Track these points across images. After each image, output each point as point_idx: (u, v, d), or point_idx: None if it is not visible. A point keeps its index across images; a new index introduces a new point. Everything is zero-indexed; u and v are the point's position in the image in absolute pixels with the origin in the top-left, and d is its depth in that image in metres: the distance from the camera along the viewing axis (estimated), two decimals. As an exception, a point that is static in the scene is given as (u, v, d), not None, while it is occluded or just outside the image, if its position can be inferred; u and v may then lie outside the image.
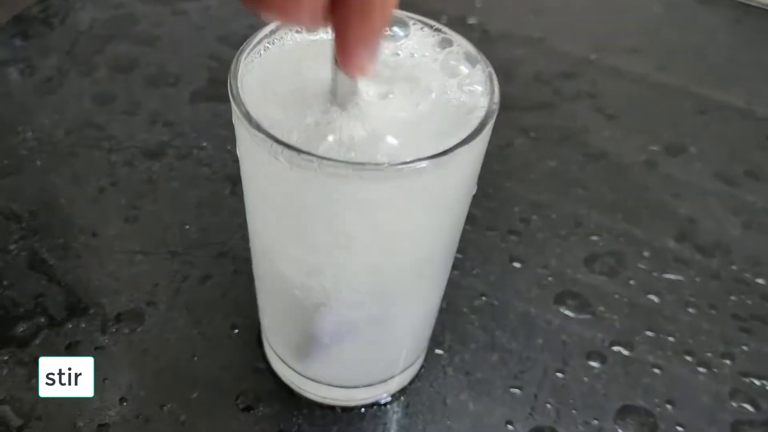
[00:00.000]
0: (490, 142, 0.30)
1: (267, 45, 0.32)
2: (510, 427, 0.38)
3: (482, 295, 0.44)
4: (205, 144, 0.51)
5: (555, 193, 0.52)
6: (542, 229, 0.49)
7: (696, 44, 0.68)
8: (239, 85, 0.29)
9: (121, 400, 0.38)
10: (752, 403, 0.40)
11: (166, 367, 0.40)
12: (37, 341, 0.40)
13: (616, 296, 0.45)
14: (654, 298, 0.45)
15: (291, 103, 0.29)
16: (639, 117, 0.59)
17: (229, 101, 0.27)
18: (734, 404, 0.40)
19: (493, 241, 0.48)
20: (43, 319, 0.41)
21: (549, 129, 0.57)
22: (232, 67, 0.29)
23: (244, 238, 0.44)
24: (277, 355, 0.39)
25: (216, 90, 0.56)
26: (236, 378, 0.39)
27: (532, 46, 0.65)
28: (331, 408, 0.39)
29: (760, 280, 0.47)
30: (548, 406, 0.39)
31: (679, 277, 0.47)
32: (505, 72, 0.61)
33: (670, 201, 0.52)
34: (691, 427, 0.39)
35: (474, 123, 0.28)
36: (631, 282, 0.46)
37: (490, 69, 0.30)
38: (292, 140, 0.26)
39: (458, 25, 0.66)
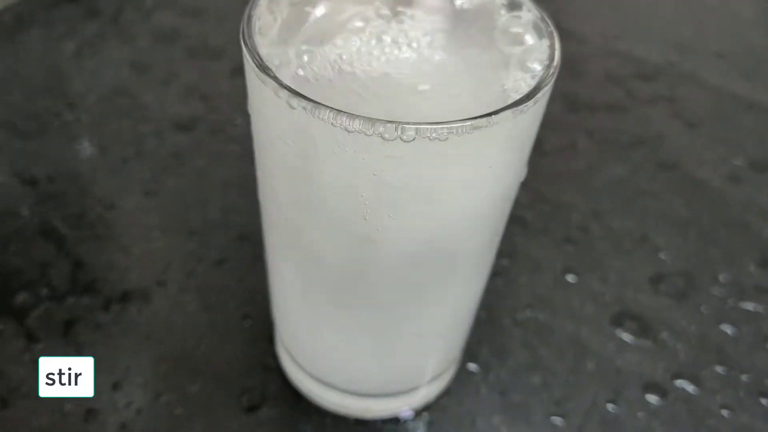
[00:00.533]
0: (550, 142, 0.25)
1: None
2: (547, 460, 0.33)
3: (527, 307, 0.39)
4: (239, 121, 0.48)
5: (620, 201, 0.46)
6: (602, 240, 0.43)
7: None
8: (255, 30, 0.25)
9: (115, 385, 0.34)
10: (841, 462, 0.34)
11: (168, 354, 0.36)
12: (36, 313, 0.37)
13: (684, 323, 0.39)
14: (728, 329, 0.39)
15: (313, 53, 0.25)
16: (723, 127, 0.53)
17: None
18: (818, 461, 0.34)
19: (545, 249, 0.42)
20: (45, 290, 0.38)
21: (618, 133, 0.51)
22: (248, 7, 0.25)
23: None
24: (288, 354, 0.35)
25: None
26: (242, 373, 0.35)
27: (606, 44, 0.60)
28: (344, 418, 0.34)
29: None
30: (594, 441, 0.34)
31: (760, 308, 0.40)
32: (573, 69, 0.56)
33: (753, 221, 0.45)
34: (765, 483, 0.33)
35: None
36: (702, 308, 0.40)
37: (552, 29, 0.25)
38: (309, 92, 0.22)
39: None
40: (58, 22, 0.55)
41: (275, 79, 0.22)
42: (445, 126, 0.20)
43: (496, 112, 0.21)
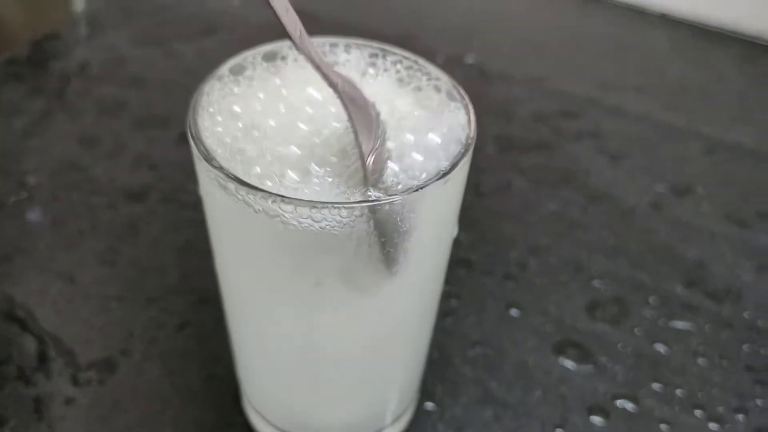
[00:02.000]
0: (486, 184, 0.28)
1: (239, 79, 0.30)
2: (503, 489, 0.35)
3: (476, 344, 0.42)
4: (190, 188, 0.50)
5: (554, 236, 0.49)
6: (541, 274, 0.46)
7: (704, 83, 0.66)
8: (199, 121, 0.27)
9: (87, 455, 0.36)
10: (769, 463, 0.37)
11: (135, 420, 0.37)
12: (5, 393, 0.38)
13: (620, 346, 0.42)
14: (661, 348, 0.42)
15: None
16: (644, 157, 0.57)
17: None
18: (749, 464, 0.37)
19: (488, 287, 0.45)
20: (12, 369, 0.39)
21: (549, 170, 0.54)
22: (194, 97, 0.28)
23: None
24: (253, 407, 0.37)
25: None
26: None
27: (532, 85, 0.63)
28: (311, 467, 0.36)
29: (774, 329, 0.44)
30: (545, 465, 0.36)
31: (688, 326, 0.44)
32: (503, 112, 0.59)
33: (677, 245, 0.49)
34: (702, 490, 0.36)
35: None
36: (636, 331, 0.43)
37: (467, 101, 0.28)
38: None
39: (455, 64, 0.64)
40: (4, 102, 0.56)
41: (220, 169, 0.24)
42: (354, 205, 0.23)
43: (410, 190, 0.24)
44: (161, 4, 0.70)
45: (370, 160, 0.24)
